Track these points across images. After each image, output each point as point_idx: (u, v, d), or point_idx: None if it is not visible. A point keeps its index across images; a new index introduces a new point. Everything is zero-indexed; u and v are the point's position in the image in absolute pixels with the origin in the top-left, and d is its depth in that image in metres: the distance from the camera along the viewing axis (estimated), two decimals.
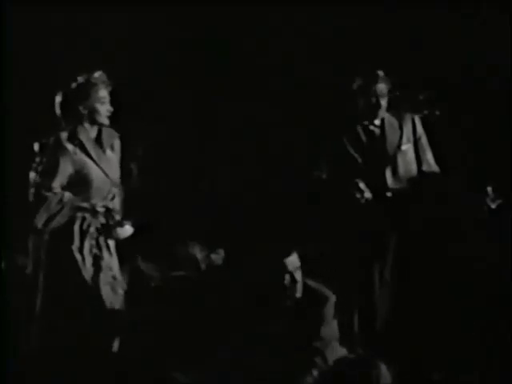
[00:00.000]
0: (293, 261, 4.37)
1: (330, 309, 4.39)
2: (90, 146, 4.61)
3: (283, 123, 6.70)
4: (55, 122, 4.70)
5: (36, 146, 4.67)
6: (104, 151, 4.67)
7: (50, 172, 4.53)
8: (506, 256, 5.44)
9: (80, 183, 4.57)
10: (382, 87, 5.22)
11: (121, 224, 4.65)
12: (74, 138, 4.60)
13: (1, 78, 6.20)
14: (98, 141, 4.68)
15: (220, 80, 6.81)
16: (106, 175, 4.62)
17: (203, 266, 5.61)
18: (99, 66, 6.55)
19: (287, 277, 4.33)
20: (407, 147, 5.26)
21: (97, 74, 4.70)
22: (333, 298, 4.42)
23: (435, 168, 5.33)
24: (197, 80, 6.80)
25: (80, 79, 4.68)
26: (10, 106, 6.26)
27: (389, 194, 5.13)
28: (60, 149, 4.56)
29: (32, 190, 4.56)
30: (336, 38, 6.65)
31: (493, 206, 4.96)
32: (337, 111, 5.74)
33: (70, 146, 4.57)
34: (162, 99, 6.78)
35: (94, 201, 4.59)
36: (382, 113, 5.25)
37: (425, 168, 5.29)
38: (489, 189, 4.99)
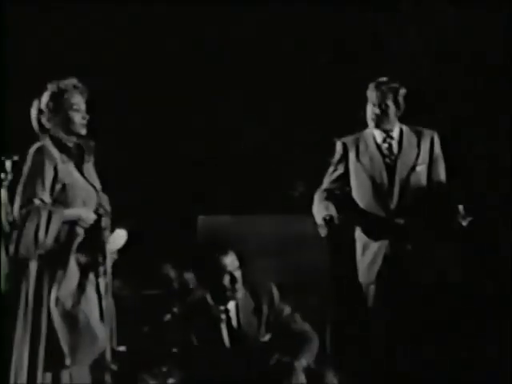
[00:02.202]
0: (232, 261, 4.37)
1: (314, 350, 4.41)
2: (72, 155, 4.40)
3: (286, 128, 6.71)
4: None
5: (8, 163, 4.51)
6: (84, 161, 4.43)
7: (35, 181, 4.23)
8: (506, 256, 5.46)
9: (67, 194, 4.29)
10: (402, 92, 4.92)
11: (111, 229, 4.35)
12: (59, 146, 4.33)
13: (1, 78, 6.19)
14: (77, 150, 4.46)
15: (219, 81, 6.81)
16: (93, 186, 4.42)
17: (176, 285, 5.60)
18: (99, 66, 6.60)
19: (227, 277, 4.33)
20: (421, 168, 4.90)
21: (67, 81, 4.48)
22: (316, 340, 4.43)
23: (443, 180, 4.97)
24: (196, 81, 6.81)
25: (50, 87, 4.42)
26: (10, 106, 6.25)
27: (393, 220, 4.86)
28: (46, 156, 4.26)
29: (17, 205, 4.25)
30: (336, 40, 6.66)
31: (464, 224, 4.83)
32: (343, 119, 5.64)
33: (56, 153, 4.30)
34: (162, 99, 6.78)
35: (84, 213, 4.38)
36: (397, 123, 4.94)
37: (433, 177, 4.94)
38: (460, 207, 4.83)
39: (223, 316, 4.32)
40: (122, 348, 4.42)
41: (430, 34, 6.49)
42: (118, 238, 4.43)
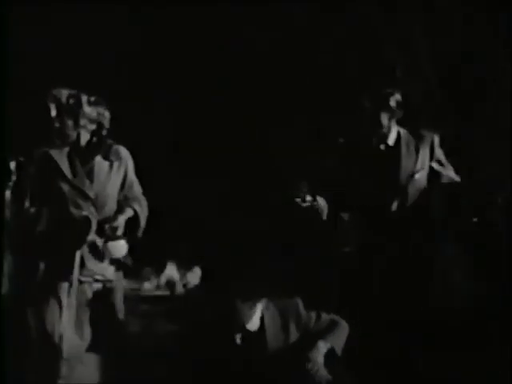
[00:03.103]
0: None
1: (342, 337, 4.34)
2: (62, 160, 4.43)
3: (287, 134, 6.71)
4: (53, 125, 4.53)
5: (12, 165, 4.56)
6: (87, 164, 4.44)
7: (23, 188, 4.41)
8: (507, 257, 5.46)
9: (52, 197, 4.40)
10: (396, 97, 4.82)
11: (113, 238, 4.40)
12: (45, 155, 4.46)
13: (1, 78, 6.19)
14: (86, 153, 4.47)
15: (219, 81, 6.82)
16: (78, 189, 4.42)
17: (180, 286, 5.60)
18: (99, 66, 6.61)
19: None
20: (420, 175, 4.85)
21: (65, 93, 4.50)
22: (344, 326, 4.37)
23: (445, 182, 4.91)
24: (196, 81, 6.81)
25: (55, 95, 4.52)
26: (10, 107, 6.26)
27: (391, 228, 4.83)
28: (29, 166, 4.43)
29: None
30: (337, 40, 6.67)
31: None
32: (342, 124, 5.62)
33: (41, 162, 4.43)
34: (161, 101, 6.79)
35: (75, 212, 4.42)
36: (394, 127, 4.88)
37: (434, 179, 4.86)
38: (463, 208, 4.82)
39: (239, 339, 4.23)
40: (92, 355, 4.45)
41: (430, 35, 6.50)
42: (119, 247, 4.45)
